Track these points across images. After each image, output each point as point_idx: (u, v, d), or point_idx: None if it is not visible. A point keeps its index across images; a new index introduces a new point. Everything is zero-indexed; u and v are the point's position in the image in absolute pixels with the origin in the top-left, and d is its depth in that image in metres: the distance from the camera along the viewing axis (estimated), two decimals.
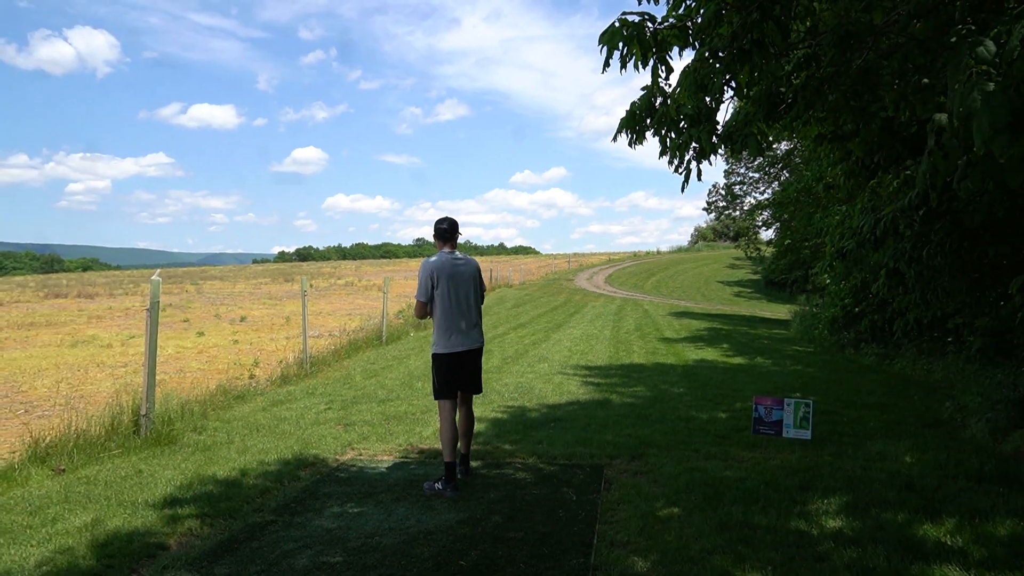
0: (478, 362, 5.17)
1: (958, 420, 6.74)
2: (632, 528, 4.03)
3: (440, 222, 5.06)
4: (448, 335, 4.93)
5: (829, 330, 14.36)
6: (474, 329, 5.06)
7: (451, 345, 4.93)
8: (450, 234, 5.04)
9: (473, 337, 5.05)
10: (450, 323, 4.93)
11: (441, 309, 4.92)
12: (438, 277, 4.88)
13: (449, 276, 4.91)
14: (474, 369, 5.13)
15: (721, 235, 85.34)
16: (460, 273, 4.98)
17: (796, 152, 27.90)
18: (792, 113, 4.74)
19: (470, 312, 5.03)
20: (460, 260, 5.02)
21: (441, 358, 4.94)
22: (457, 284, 4.94)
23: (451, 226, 5.05)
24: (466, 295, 5.00)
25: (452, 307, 4.92)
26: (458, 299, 4.95)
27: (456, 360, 4.96)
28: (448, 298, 4.91)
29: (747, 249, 46.03)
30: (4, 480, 5.04)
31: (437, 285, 4.89)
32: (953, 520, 4.05)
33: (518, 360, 11.66)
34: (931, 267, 6.84)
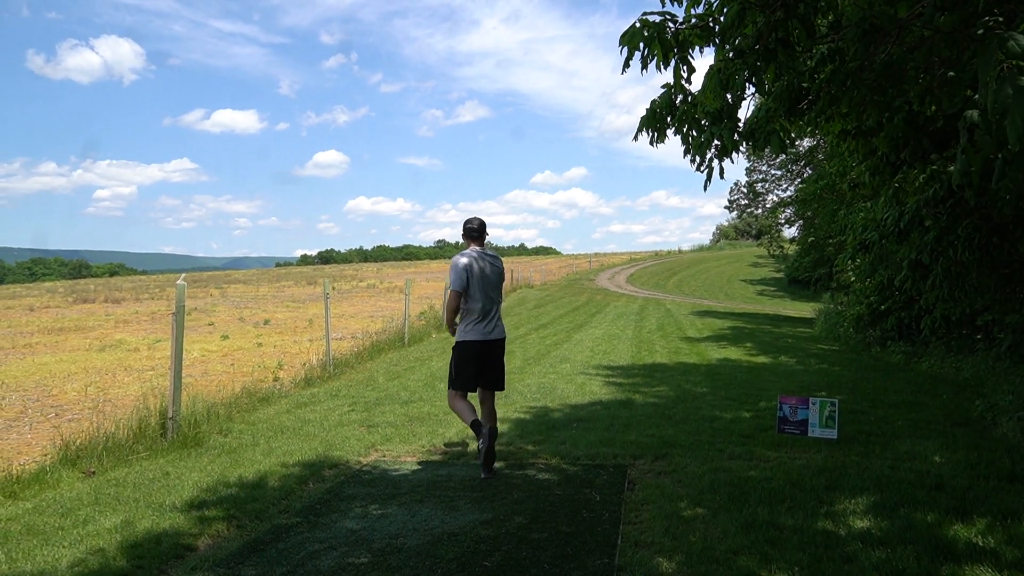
0: (502, 355, 5.42)
1: (988, 419, 6.62)
2: (656, 529, 4.01)
3: (469, 222, 5.39)
4: (478, 324, 5.24)
5: (855, 328, 14.18)
6: (500, 323, 5.40)
7: (481, 333, 5.23)
8: (479, 233, 5.35)
9: (500, 329, 5.38)
10: (481, 314, 5.23)
11: (472, 301, 5.22)
12: (473, 270, 5.19)
13: (481, 270, 5.22)
14: (498, 362, 5.36)
15: (743, 233, 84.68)
16: (490, 269, 5.30)
17: (819, 148, 27.61)
18: (816, 109, 4.69)
19: (497, 306, 5.35)
20: (490, 256, 5.33)
21: (468, 346, 5.20)
22: (486, 279, 5.25)
23: (480, 226, 5.36)
24: (495, 290, 5.32)
25: (483, 299, 5.22)
26: (487, 293, 5.25)
27: (484, 349, 5.23)
28: (479, 291, 5.20)
29: (770, 247, 45.66)
30: (36, 482, 5.13)
31: (468, 277, 5.17)
32: (984, 520, 3.98)
33: (540, 361, 11.65)
34: (958, 262, 6.72)
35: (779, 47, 3.94)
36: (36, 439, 7.03)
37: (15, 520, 4.39)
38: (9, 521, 4.37)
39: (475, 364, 5.20)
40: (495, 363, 5.34)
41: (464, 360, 5.21)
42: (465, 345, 5.22)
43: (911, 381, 9.33)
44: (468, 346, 5.21)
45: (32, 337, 17.35)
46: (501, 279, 5.42)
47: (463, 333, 5.25)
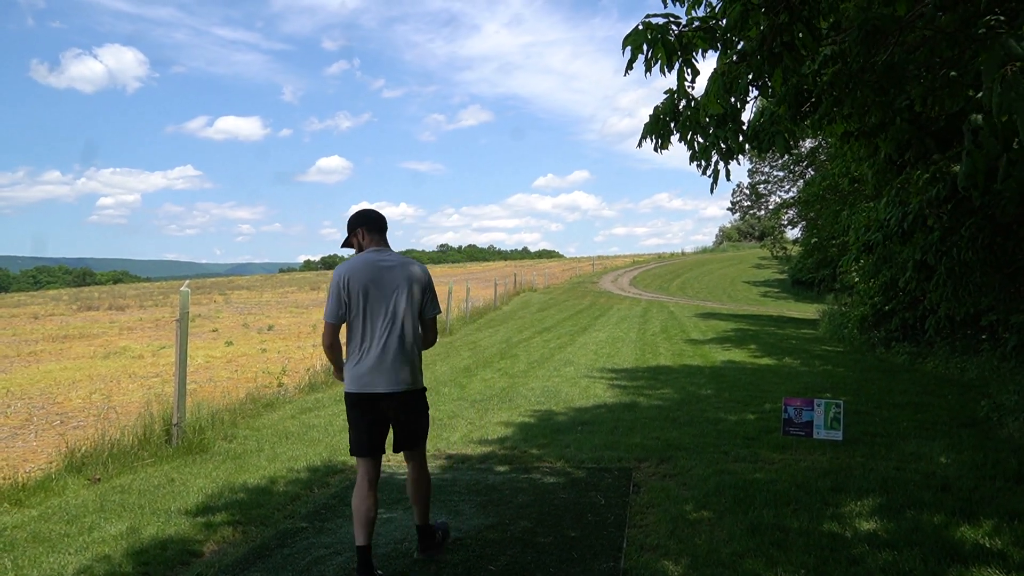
0: (411, 415, 3.67)
1: (994, 419, 6.60)
2: (662, 532, 4.01)
3: (361, 211, 3.77)
4: (358, 366, 3.54)
5: (859, 329, 14.15)
6: (403, 365, 3.55)
7: (361, 381, 3.53)
8: (377, 225, 3.72)
9: (397, 375, 3.53)
10: (363, 349, 3.54)
11: (353, 328, 3.58)
12: (353, 285, 3.52)
13: (369, 283, 3.53)
14: (402, 422, 3.67)
15: (746, 235, 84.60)
16: (387, 280, 3.56)
17: (821, 149, 27.59)
18: (820, 111, 4.69)
19: (396, 338, 3.54)
20: (389, 261, 3.61)
21: (348, 399, 3.62)
22: (381, 294, 3.54)
23: (379, 216, 3.77)
24: (393, 311, 3.54)
25: (368, 326, 3.54)
26: (379, 315, 3.54)
27: (368, 404, 3.56)
28: (364, 313, 3.53)
29: (773, 248, 45.59)
30: (42, 490, 5.14)
31: (351, 297, 3.53)
32: (991, 522, 3.96)
33: (544, 364, 11.65)
34: (962, 262, 6.71)
35: (784, 51, 3.94)
36: (41, 446, 7.05)
37: (21, 527, 4.40)
38: (15, 528, 4.38)
39: (363, 423, 3.59)
40: (397, 422, 3.67)
41: (349, 416, 3.66)
42: (346, 398, 3.64)
43: (916, 382, 9.31)
44: (348, 400, 3.62)
45: (37, 345, 17.39)
46: (414, 296, 3.62)
47: (347, 378, 3.62)
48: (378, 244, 3.70)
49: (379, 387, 3.53)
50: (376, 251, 3.65)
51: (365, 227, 3.71)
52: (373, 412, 3.58)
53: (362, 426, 3.58)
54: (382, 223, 3.75)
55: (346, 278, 3.53)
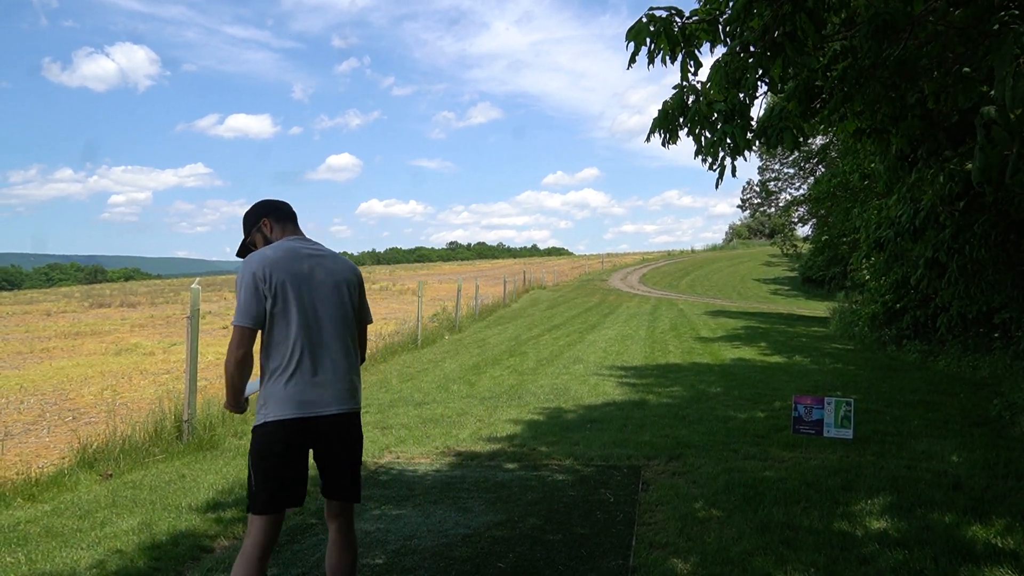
0: (356, 446, 2.95)
1: (1007, 418, 6.55)
2: (671, 530, 4.00)
3: (262, 201, 3.04)
4: (293, 381, 2.70)
5: (870, 327, 14.07)
6: (353, 377, 2.88)
7: (300, 401, 2.69)
8: (286, 213, 2.99)
9: (340, 391, 2.79)
10: (296, 359, 2.70)
11: (277, 334, 2.71)
12: (276, 277, 2.70)
13: (299, 275, 2.75)
14: (343, 455, 2.88)
15: (756, 232, 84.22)
16: (321, 271, 2.82)
17: (832, 146, 27.43)
18: (830, 107, 4.66)
19: (343, 343, 2.83)
20: (318, 251, 2.88)
21: (271, 431, 2.69)
22: (316, 288, 2.78)
23: (286, 204, 3.04)
24: (335, 309, 2.82)
25: (302, 330, 2.72)
26: (318, 315, 2.77)
27: (303, 434, 2.72)
28: (295, 312, 2.71)
29: (783, 246, 45.37)
30: (55, 485, 5.18)
31: (273, 295, 2.69)
32: (1003, 521, 3.94)
33: (553, 362, 11.64)
34: (974, 259, 6.66)
35: (786, 41, 3.92)
36: (54, 442, 7.10)
37: (34, 522, 4.44)
38: (28, 523, 4.42)
39: (291, 458, 2.72)
40: (339, 455, 2.87)
41: (263, 456, 2.70)
42: (265, 431, 2.71)
43: (927, 380, 9.25)
44: (271, 433, 2.69)
45: (49, 341, 17.52)
46: (351, 296, 2.89)
47: (265, 406, 2.72)
48: (294, 234, 2.95)
49: (327, 407, 2.74)
50: (297, 239, 2.90)
51: (272, 216, 2.96)
52: (305, 445, 2.76)
53: (287, 466, 2.71)
54: (291, 211, 3.02)
55: (266, 270, 2.69)
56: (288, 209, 3.02)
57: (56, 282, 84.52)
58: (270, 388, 2.72)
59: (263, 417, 2.71)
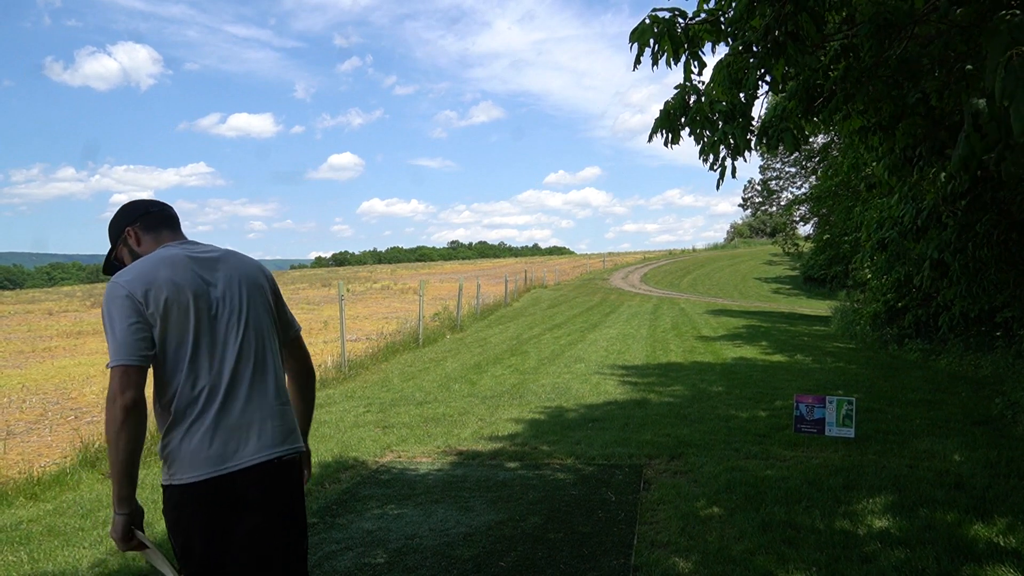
0: (287, 501, 2.16)
1: (1009, 417, 6.55)
2: (673, 529, 4.00)
3: (127, 205, 2.32)
4: (192, 433, 2.04)
5: (871, 326, 14.07)
6: (269, 412, 2.13)
7: (213, 454, 2.03)
8: (160, 217, 2.28)
9: (267, 431, 2.11)
10: (199, 400, 2.05)
11: (174, 370, 2.05)
12: (158, 296, 2.02)
13: (186, 290, 2.07)
14: (275, 521, 2.12)
15: (757, 231, 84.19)
16: (217, 282, 2.16)
17: (833, 145, 27.41)
18: (831, 106, 4.65)
19: (254, 369, 2.14)
20: (209, 252, 2.21)
21: (180, 499, 2.05)
22: (213, 305, 2.12)
23: (158, 204, 2.33)
24: (240, 330, 2.14)
25: (205, 360, 2.07)
26: (225, 336, 2.12)
27: (223, 498, 2.05)
28: (194, 340, 2.06)
29: (784, 245, 45.37)
30: (57, 484, 5.19)
31: (163, 317, 2.02)
32: (1005, 520, 3.94)
33: (554, 361, 11.64)
34: (977, 259, 6.66)
35: (788, 40, 3.92)
36: (56, 441, 7.11)
37: (36, 521, 4.44)
38: (31, 522, 4.43)
39: (214, 531, 2.06)
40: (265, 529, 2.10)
41: (181, 530, 2.09)
42: (175, 499, 2.06)
43: (929, 379, 9.25)
44: (182, 501, 2.05)
45: (51, 341, 17.54)
46: (263, 297, 2.25)
47: (169, 466, 2.07)
48: (172, 240, 2.24)
49: (246, 456, 2.05)
50: (178, 244, 2.20)
51: (139, 223, 2.24)
52: (230, 512, 2.07)
53: (212, 543, 2.06)
54: (167, 213, 2.31)
55: (144, 288, 2.01)
56: (161, 211, 2.30)
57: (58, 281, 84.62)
58: (172, 443, 2.04)
59: (168, 478, 2.06)
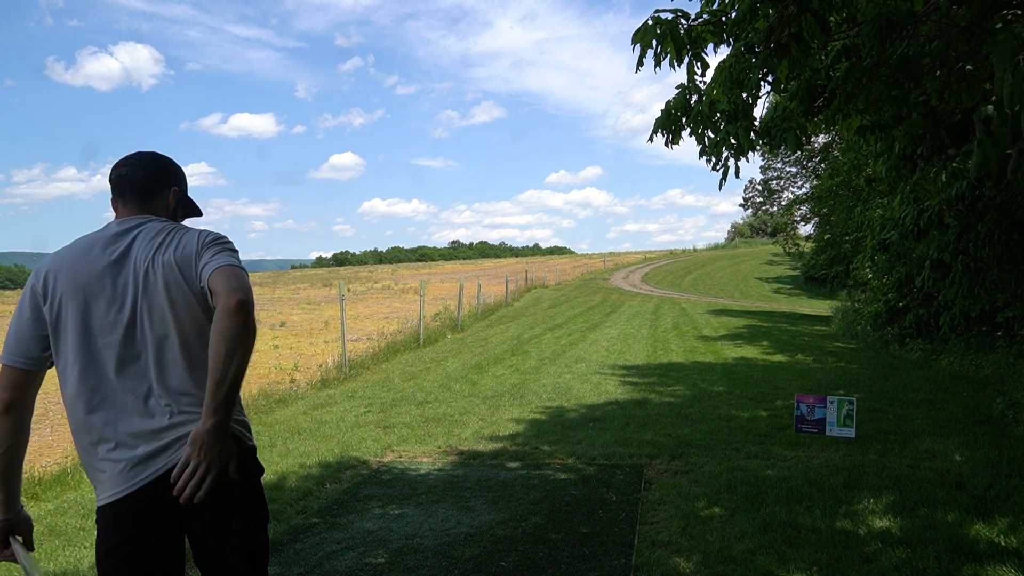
0: (231, 508, 1.88)
1: (1010, 416, 6.54)
2: (673, 528, 4.00)
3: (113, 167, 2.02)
4: (96, 451, 1.84)
5: (872, 326, 14.06)
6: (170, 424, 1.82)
7: (124, 469, 1.80)
8: (123, 185, 1.97)
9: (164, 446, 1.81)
10: (97, 415, 1.83)
11: (74, 376, 1.84)
12: (57, 287, 1.84)
13: (83, 283, 1.83)
14: (216, 528, 1.89)
15: (758, 231, 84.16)
16: (119, 270, 1.85)
17: (834, 145, 27.39)
18: (833, 106, 4.65)
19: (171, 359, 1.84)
20: (124, 235, 1.89)
21: (104, 519, 1.86)
22: (104, 298, 1.83)
23: (139, 162, 2.00)
24: (126, 324, 1.82)
25: (106, 363, 1.83)
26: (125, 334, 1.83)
27: (145, 514, 1.83)
28: (71, 341, 1.83)
29: (785, 245, 45.34)
30: (58, 484, 5.20)
31: (57, 313, 1.83)
32: (1006, 520, 3.93)
33: (555, 361, 11.64)
34: (978, 259, 6.65)
35: (792, 42, 3.91)
36: (57, 441, 7.12)
37: (37, 521, 4.44)
38: None
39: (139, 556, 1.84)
40: (207, 527, 1.89)
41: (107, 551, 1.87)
42: (100, 513, 1.87)
43: (930, 379, 9.24)
44: (101, 519, 1.87)
45: None
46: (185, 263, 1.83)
47: (94, 474, 1.87)
48: (128, 215, 1.95)
49: (158, 464, 1.79)
50: (117, 223, 1.93)
51: (114, 186, 1.99)
52: (156, 528, 1.84)
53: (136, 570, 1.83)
54: (132, 178, 1.96)
55: (46, 279, 1.84)
56: (124, 176, 1.96)
57: None
58: (83, 460, 1.89)
59: (98, 499, 1.87)
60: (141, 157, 2.01)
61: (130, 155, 2.01)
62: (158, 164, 2.02)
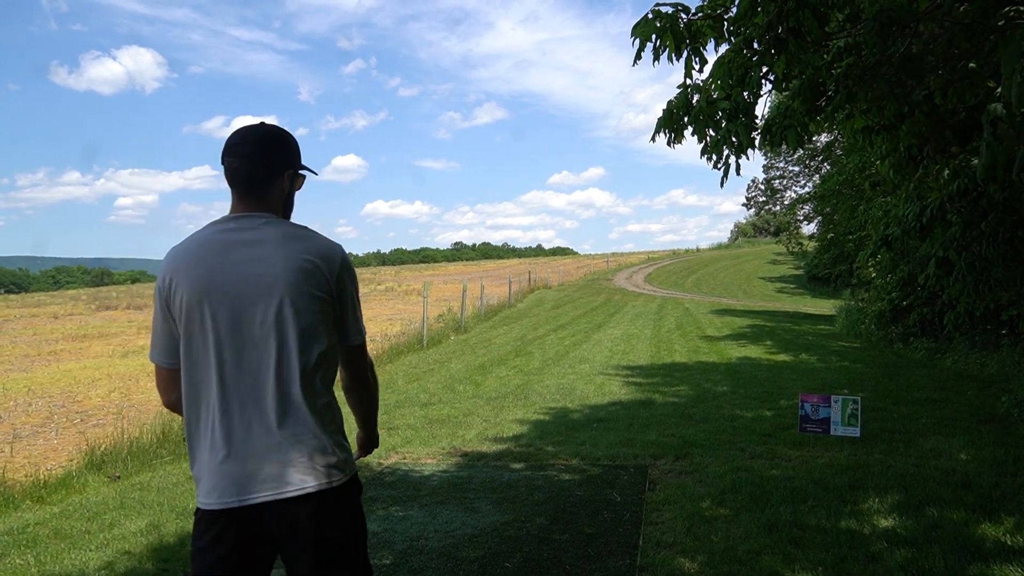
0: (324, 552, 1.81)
1: (1015, 415, 6.52)
2: (678, 529, 3.99)
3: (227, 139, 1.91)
4: (202, 454, 1.84)
5: (876, 325, 14.03)
6: (297, 441, 1.78)
7: (217, 483, 1.80)
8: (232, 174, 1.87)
9: (287, 463, 1.77)
10: (209, 418, 1.81)
11: (190, 378, 1.81)
12: (180, 290, 1.78)
13: (209, 285, 1.77)
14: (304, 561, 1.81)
15: (761, 231, 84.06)
16: (247, 276, 1.78)
17: (837, 144, 27.35)
18: (833, 104, 4.64)
19: (270, 388, 1.77)
20: (252, 238, 1.81)
21: (197, 521, 1.88)
22: (234, 306, 1.77)
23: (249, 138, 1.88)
24: (259, 338, 1.77)
25: (212, 373, 1.78)
26: (232, 349, 1.78)
27: (235, 531, 1.81)
28: (201, 347, 1.79)
29: (789, 244, 45.28)
30: (63, 487, 5.21)
31: (182, 316, 1.78)
32: (1012, 519, 3.92)
33: (559, 361, 11.64)
34: (982, 257, 6.63)
35: (790, 37, 3.91)
36: (63, 444, 7.13)
37: (43, 524, 4.46)
38: (37, 525, 4.44)
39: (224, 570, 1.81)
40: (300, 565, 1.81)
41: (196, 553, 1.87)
42: (195, 519, 1.89)
43: (935, 378, 9.22)
44: (199, 524, 1.87)
45: (57, 344, 17.59)
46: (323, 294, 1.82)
47: (196, 475, 1.88)
48: (240, 210, 1.87)
49: (255, 490, 1.77)
50: (234, 219, 1.84)
51: (226, 177, 1.89)
52: (244, 549, 1.81)
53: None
54: (241, 168, 1.85)
55: (170, 278, 1.79)
56: (235, 169, 1.85)
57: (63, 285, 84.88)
58: (193, 459, 1.86)
59: (198, 500, 1.85)
60: (250, 143, 1.87)
61: (239, 140, 1.87)
62: (268, 150, 1.89)
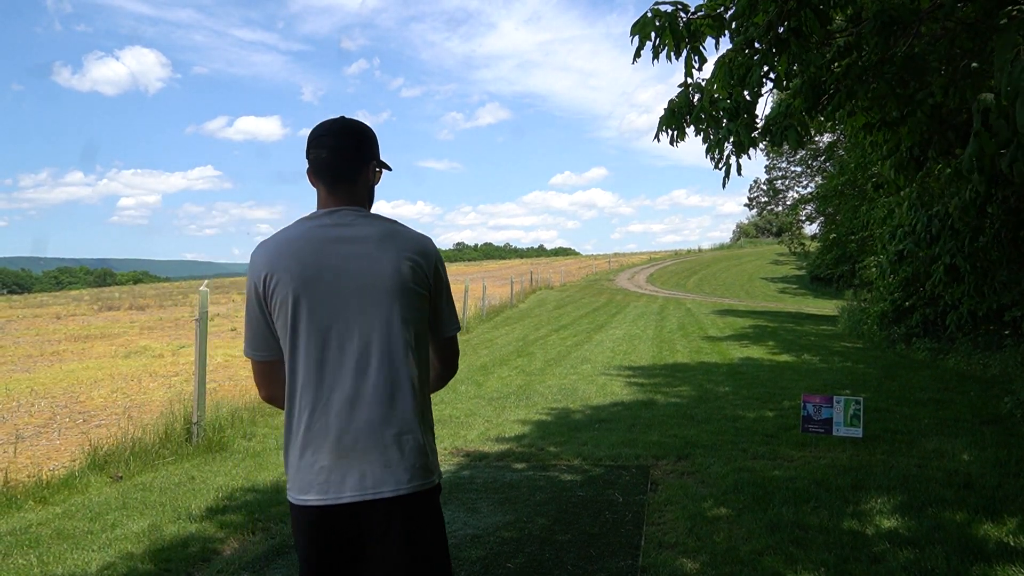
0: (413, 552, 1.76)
1: (1018, 416, 6.51)
2: (680, 529, 3.99)
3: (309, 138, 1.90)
4: (295, 450, 1.81)
5: (879, 325, 14.01)
6: (375, 441, 1.74)
7: (310, 480, 1.77)
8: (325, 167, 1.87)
9: (384, 463, 1.74)
10: (307, 414, 1.77)
11: (289, 372, 1.81)
12: (280, 285, 1.78)
13: (309, 280, 1.76)
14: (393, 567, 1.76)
15: (764, 231, 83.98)
16: (348, 271, 1.77)
17: (839, 144, 27.32)
18: (834, 103, 4.64)
19: (371, 384, 1.75)
20: (350, 234, 1.80)
21: (294, 516, 1.85)
22: (335, 302, 1.77)
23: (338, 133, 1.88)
24: (368, 332, 1.76)
25: (314, 367, 1.76)
26: (339, 342, 1.76)
27: (327, 530, 1.77)
28: (305, 342, 1.77)
29: (791, 244, 45.23)
30: (66, 488, 5.21)
31: (280, 309, 1.79)
32: (1015, 520, 3.91)
33: (561, 362, 11.64)
34: (987, 259, 6.64)
35: (791, 37, 3.90)
36: (65, 445, 7.14)
37: (45, 525, 4.46)
38: (40, 526, 4.44)
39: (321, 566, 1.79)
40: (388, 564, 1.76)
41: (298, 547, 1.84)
42: (294, 517, 1.84)
43: (937, 378, 9.20)
44: (295, 519, 1.84)
45: (59, 345, 17.61)
46: (423, 290, 1.83)
47: (288, 470, 1.84)
48: (337, 203, 1.85)
49: (346, 490, 1.74)
50: (328, 214, 1.83)
51: (312, 170, 1.89)
52: (336, 548, 1.78)
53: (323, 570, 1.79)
54: (335, 161, 1.86)
55: (266, 273, 1.79)
56: (323, 161, 1.85)
57: (65, 285, 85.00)
58: (286, 454, 1.85)
59: (289, 493, 1.85)
60: (336, 134, 1.88)
61: (325, 131, 1.88)
62: (354, 140, 1.90)
